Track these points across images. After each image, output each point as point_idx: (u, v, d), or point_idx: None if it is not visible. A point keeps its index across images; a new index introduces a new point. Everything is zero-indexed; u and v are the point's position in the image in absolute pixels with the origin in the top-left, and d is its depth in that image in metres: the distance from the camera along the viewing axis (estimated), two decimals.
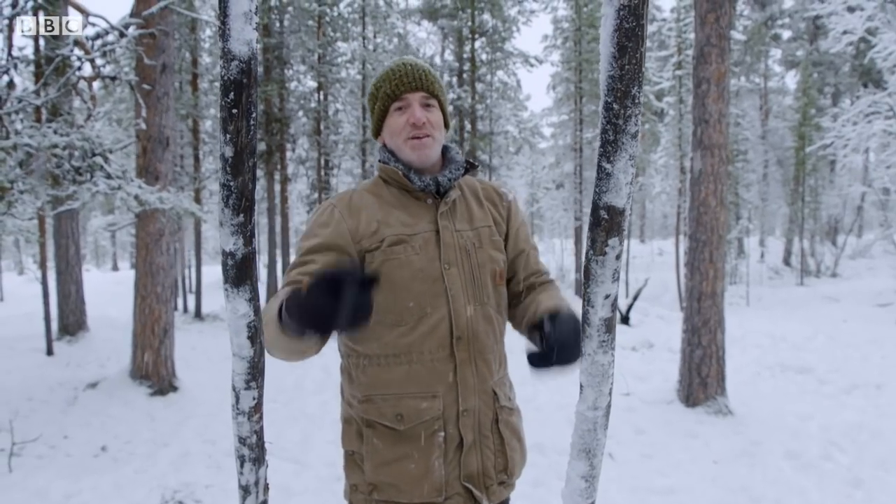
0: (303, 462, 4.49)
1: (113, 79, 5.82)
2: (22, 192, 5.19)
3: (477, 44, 17.25)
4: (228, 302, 0.83)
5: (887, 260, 19.85)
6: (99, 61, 5.74)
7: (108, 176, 5.49)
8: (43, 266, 8.88)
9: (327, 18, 14.93)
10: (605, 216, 0.73)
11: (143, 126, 6.25)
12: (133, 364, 6.55)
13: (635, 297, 11.96)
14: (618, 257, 0.76)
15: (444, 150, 1.60)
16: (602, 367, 0.81)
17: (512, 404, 1.60)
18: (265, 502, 0.96)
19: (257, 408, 0.90)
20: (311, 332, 1.05)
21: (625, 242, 0.77)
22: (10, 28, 5.38)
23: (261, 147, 13.91)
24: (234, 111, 0.73)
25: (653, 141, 21.08)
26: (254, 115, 0.74)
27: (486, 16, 17.17)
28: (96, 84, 7.32)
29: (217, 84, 14.29)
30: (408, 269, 1.44)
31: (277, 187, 15.33)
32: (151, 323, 6.47)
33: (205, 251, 26.99)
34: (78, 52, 5.78)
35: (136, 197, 5.69)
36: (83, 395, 6.27)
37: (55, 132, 5.25)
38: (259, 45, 12.72)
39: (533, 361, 1.24)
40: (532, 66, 18.01)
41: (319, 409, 5.90)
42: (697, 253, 5.80)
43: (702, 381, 5.70)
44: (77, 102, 8.26)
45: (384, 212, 1.49)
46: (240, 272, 0.81)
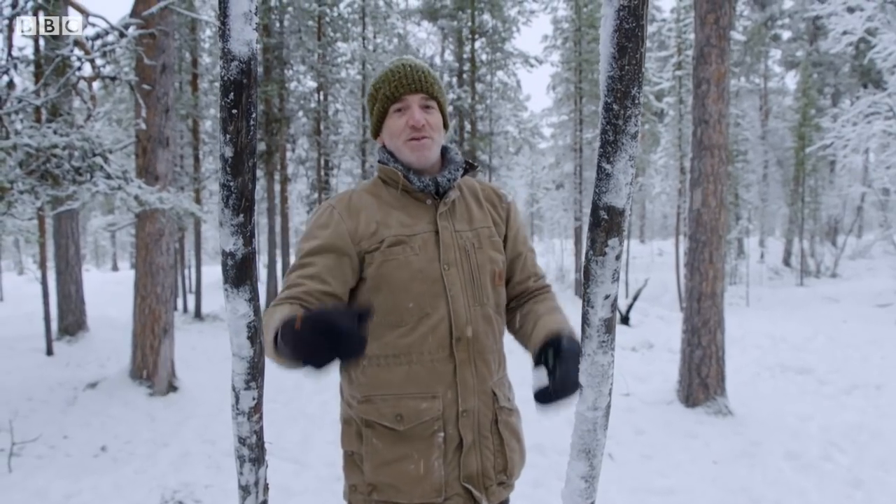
0: (302, 462, 4.49)
1: (113, 79, 5.82)
2: (22, 192, 5.19)
3: (477, 44, 17.25)
4: (228, 302, 0.83)
5: (887, 260, 19.85)
6: (99, 61, 5.74)
7: (108, 176, 5.49)
8: (43, 266, 8.88)
9: (327, 19, 14.93)
10: (605, 216, 0.73)
11: (143, 126, 6.26)
12: (133, 364, 6.55)
13: (635, 298, 11.96)
14: (617, 258, 0.76)
15: (444, 150, 1.59)
16: (602, 367, 0.81)
17: (511, 405, 1.60)
18: (265, 502, 0.96)
19: (257, 408, 0.90)
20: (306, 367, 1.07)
21: (624, 243, 0.77)
22: (10, 28, 5.37)
23: (261, 147, 13.91)
24: (234, 111, 0.73)
25: (653, 141, 21.08)
26: (254, 115, 0.74)
27: (486, 16, 17.17)
28: (96, 84, 7.33)
29: (217, 84, 14.29)
30: (407, 270, 1.44)
31: (277, 187, 15.33)
32: (151, 323, 6.48)
33: (205, 251, 27.00)
34: (78, 52, 5.78)
35: (136, 197, 5.70)
36: (83, 395, 6.27)
37: (55, 132, 5.25)
38: (259, 46, 12.73)
39: (539, 399, 1.28)
40: (532, 66, 18.01)
41: (319, 409, 5.90)
42: (697, 253, 5.80)
43: (702, 381, 5.70)
44: (77, 102, 8.27)
45: (383, 213, 1.49)
46: (240, 272, 0.81)
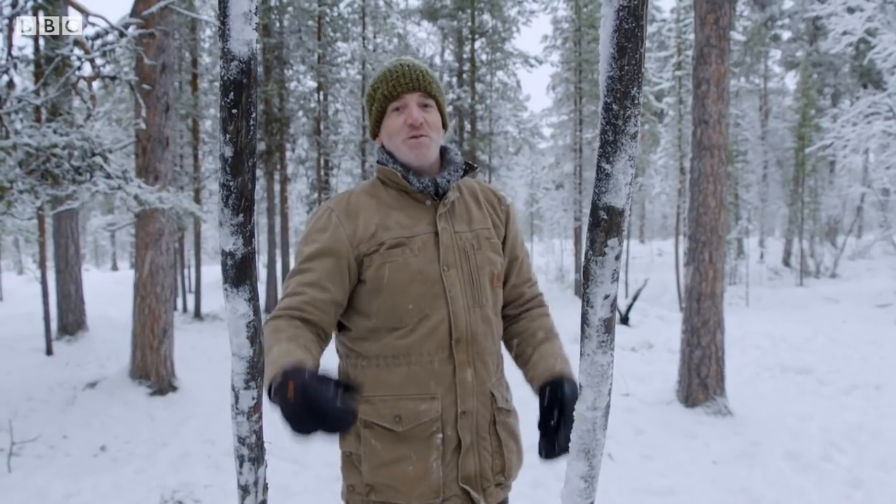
0: (302, 462, 4.48)
1: (113, 79, 5.82)
2: (21, 192, 5.19)
3: (477, 44, 17.25)
4: (228, 302, 0.83)
5: (887, 261, 19.85)
6: (99, 61, 5.74)
7: (108, 176, 5.49)
8: (42, 266, 8.88)
9: (327, 18, 14.93)
10: (605, 217, 0.73)
11: (143, 126, 6.26)
12: (132, 364, 6.55)
13: (635, 298, 11.96)
14: (617, 258, 0.76)
15: (443, 151, 1.59)
16: (601, 367, 0.81)
17: (509, 406, 1.60)
18: (264, 502, 0.96)
19: (256, 407, 0.90)
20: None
21: (624, 243, 0.77)
22: (10, 28, 5.38)
23: (260, 147, 13.91)
24: (234, 111, 0.73)
25: (652, 141, 21.07)
26: (253, 115, 0.74)
27: (486, 16, 17.17)
28: (96, 84, 7.32)
29: (217, 84, 14.29)
30: (406, 272, 1.43)
31: (277, 187, 15.33)
32: (151, 323, 6.48)
33: (204, 251, 27.00)
34: (78, 51, 5.78)
35: (136, 197, 5.70)
36: (82, 394, 6.27)
37: (55, 132, 5.25)
38: (259, 46, 12.72)
39: (543, 454, 1.38)
40: (532, 66, 18.01)
41: None
42: (697, 253, 5.80)
43: (701, 381, 5.70)
44: (77, 102, 8.26)
45: (382, 214, 1.48)
46: (239, 272, 0.81)
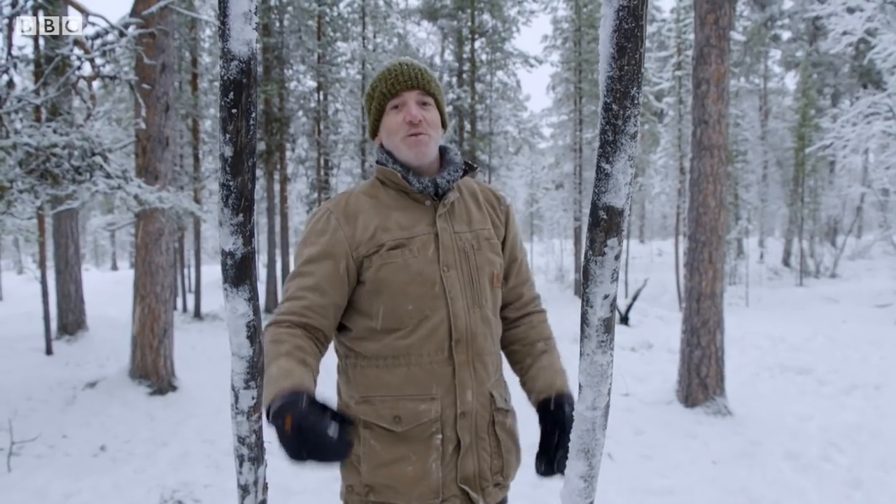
0: None
1: (112, 78, 5.82)
2: (21, 192, 5.19)
3: (477, 44, 17.25)
4: (228, 301, 0.83)
5: (886, 261, 19.85)
6: (99, 61, 5.74)
7: (108, 175, 5.49)
8: (42, 265, 8.87)
9: (327, 18, 14.93)
10: (604, 216, 0.73)
11: (143, 125, 6.26)
12: (132, 364, 6.54)
13: (634, 298, 11.96)
14: (616, 258, 0.76)
15: (443, 150, 1.59)
16: (601, 367, 0.81)
17: (508, 406, 1.60)
18: (264, 502, 0.96)
19: (256, 407, 0.90)
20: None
21: (624, 243, 0.77)
22: (10, 28, 5.38)
23: (260, 147, 13.91)
24: (234, 111, 0.73)
25: (652, 141, 21.07)
26: (253, 115, 0.74)
27: (486, 16, 17.18)
28: (96, 83, 7.32)
29: (217, 84, 14.29)
30: (406, 273, 1.43)
31: (277, 187, 15.33)
32: (151, 322, 6.47)
33: (204, 251, 26.99)
34: (78, 51, 5.78)
35: (136, 196, 5.70)
36: (82, 394, 6.27)
37: (55, 131, 5.25)
38: (259, 45, 12.72)
39: (540, 472, 1.50)
40: (532, 66, 18.01)
41: None
42: (697, 253, 5.80)
43: (701, 381, 5.70)
44: (77, 102, 8.27)
45: (382, 215, 1.48)
46: (239, 272, 0.81)
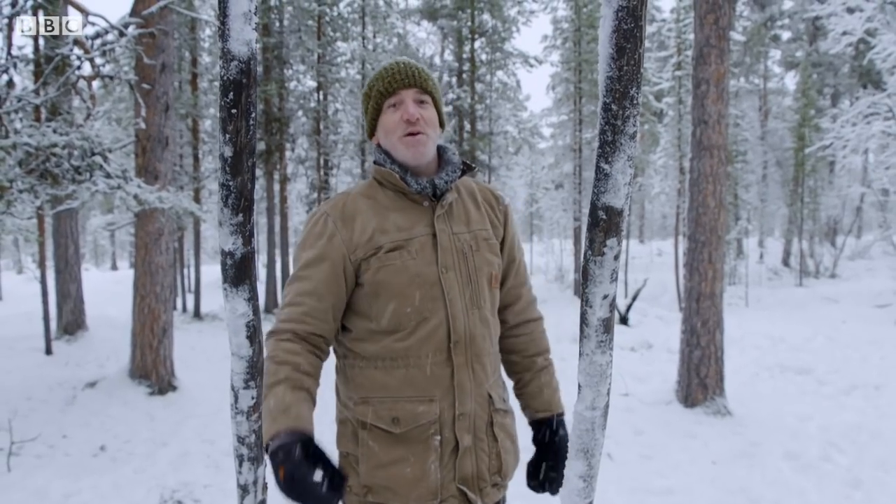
0: None
1: (112, 78, 5.82)
2: (21, 191, 5.19)
3: (476, 44, 17.25)
4: (227, 301, 0.83)
5: (886, 261, 19.85)
6: (98, 60, 5.74)
7: (108, 175, 5.49)
8: (42, 265, 8.87)
9: (327, 18, 14.93)
10: (604, 217, 0.73)
11: (143, 125, 6.26)
12: (132, 364, 6.55)
13: (634, 298, 11.96)
14: (616, 258, 0.76)
15: (441, 150, 1.58)
16: (600, 367, 0.81)
17: (506, 406, 1.60)
18: (263, 501, 0.96)
19: (256, 407, 0.90)
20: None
21: (623, 243, 0.77)
22: (10, 27, 5.38)
23: (260, 147, 13.91)
24: (234, 111, 0.73)
25: (652, 141, 21.07)
26: (253, 115, 0.74)
27: (486, 16, 17.18)
28: (96, 83, 7.32)
29: (216, 83, 14.29)
30: (404, 275, 1.43)
31: (277, 187, 15.33)
32: (150, 322, 6.48)
33: (204, 250, 27.00)
34: (77, 51, 5.78)
35: (136, 196, 5.70)
36: (82, 394, 6.27)
37: (54, 131, 5.25)
38: (258, 45, 12.71)
39: (531, 487, 1.61)
40: (532, 66, 18.02)
41: (318, 409, 5.87)
42: (696, 253, 5.80)
43: (701, 381, 5.70)
44: (76, 102, 8.26)
45: (380, 217, 1.47)
46: (239, 272, 0.81)
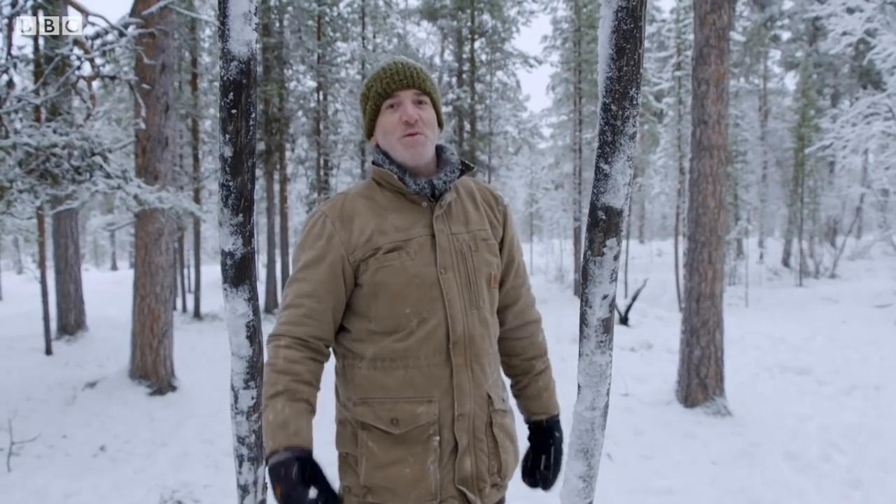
0: None
1: (112, 78, 5.82)
2: (21, 192, 5.19)
3: (476, 44, 17.25)
4: (227, 301, 0.83)
5: (886, 261, 19.85)
6: (98, 61, 5.74)
7: (108, 175, 5.49)
8: (42, 265, 8.87)
9: (327, 18, 14.93)
10: (603, 217, 0.73)
11: (143, 126, 6.26)
12: (132, 364, 6.54)
13: (634, 298, 11.96)
14: (615, 258, 0.76)
15: (440, 150, 1.58)
16: (600, 367, 0.81)
17: (505, 406, 1.60)
18: (263, 501, 0.96)
19: (256, 407, 0.90)
20: None
21: (622, 243, 0.77)
22: (10, 27, 5.38)
23: (260, 147, 13.91)
24: (234, 111, 0.73)
25: (652, 142, 21.06)
26: (253, 115, 0.74)
27: (486, 16, 17.18)
28: (96, 83, 7.32)
29: (216, 84, 14.29)
30: (403, 276, 1.43)
31: (277, 187, 15.33)
32: (150, 322, 6.48)
33: (204, 251, 26.99)
34: (77, 51, 5.78)
35: (136, 196, 5.70)
36: (82, 394, 6.27)
37: (54, 131, 5.25)
38: (258, 45, 12.71)
39: (526, 482, 1.67)
40: (531, 66, 18.01)
41: (318, 409, 5.89)
42: (696, 254, 5.80)
43: (700, 381, 5.70)
44: (76, 102, 8.26)
45: (378, 218, 1.47)
46: (239, 272, 0.81)
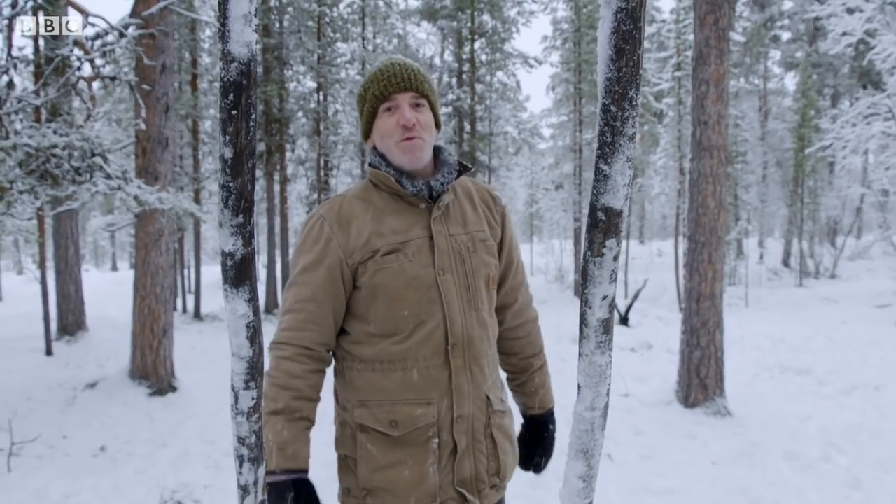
0: None
1: (112, 79, 5.82)
2: (21, 192, 5.19)
3: (476, 45, 17.26)
4: (227, 302, 0.83)
5: (886, 261, 19.85)
6: (99, 61, 5.74)
7: (108, 176, 5.49)
8: (42, 266, 8.87)
9: (327, 19, 14.93)
10: (603, 217, 0.73)
11: (143, 126, 6.26)
12: (132, 364, 6.55)
13: (634, 298, 11.96)
14: (615, 258, 0.76)
15: (437, 151, 1.57)
16: (600, 367, 0.81)
17: (504, 406, 1.60)
18: (264, 502, 0.96)
19: (256, 408, 0.90)
20: None
21: (622, 244, 0.77)
22: (10, 28, 5.38)
23: (260, 147, 13.91)
24: (234, 112, 0.73)
25: (652, 142, 21.07)
26: (253, 116, 0.75)
27: (486, 16, 17.19)
28: (96, 84, 7.33)
29: (217, 84, 14.30)
30: (401, 278, 1.42)
31: (277, 188, 15.33)
32: (150, 323, 6.48)
33: (204, 251, 27.00)
34: (78, 52, 5.78)
35: (136, 197, 5.70)
36: (82, 395, 6.27)
37: (55, 132, 5.25)
38: (259, 46, 12.73)
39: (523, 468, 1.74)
40: (531, 66, 18.02)
41: (318, 410, 5.90)
42: (696, 254, 5.80)
43: (700, 382, 5.70)
44: (77, 102, 8.26)
45: (376, 220, 1.46)
46: (239, 273, 0.81)
